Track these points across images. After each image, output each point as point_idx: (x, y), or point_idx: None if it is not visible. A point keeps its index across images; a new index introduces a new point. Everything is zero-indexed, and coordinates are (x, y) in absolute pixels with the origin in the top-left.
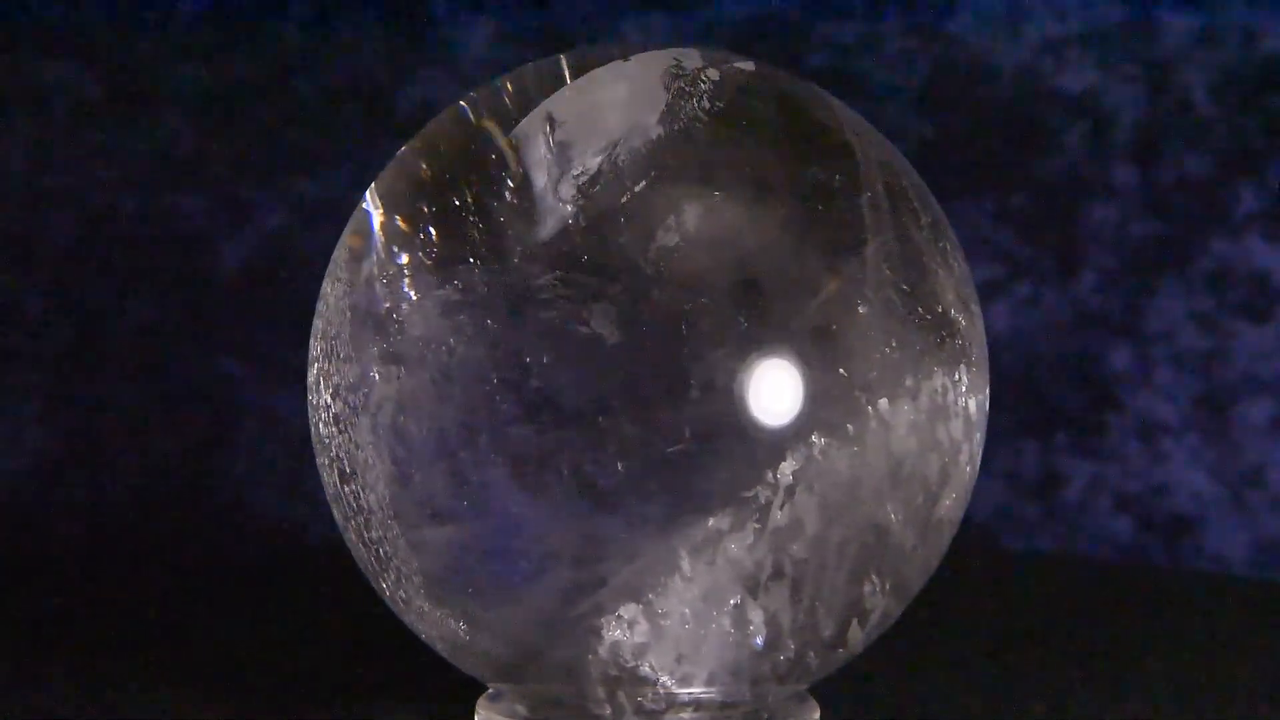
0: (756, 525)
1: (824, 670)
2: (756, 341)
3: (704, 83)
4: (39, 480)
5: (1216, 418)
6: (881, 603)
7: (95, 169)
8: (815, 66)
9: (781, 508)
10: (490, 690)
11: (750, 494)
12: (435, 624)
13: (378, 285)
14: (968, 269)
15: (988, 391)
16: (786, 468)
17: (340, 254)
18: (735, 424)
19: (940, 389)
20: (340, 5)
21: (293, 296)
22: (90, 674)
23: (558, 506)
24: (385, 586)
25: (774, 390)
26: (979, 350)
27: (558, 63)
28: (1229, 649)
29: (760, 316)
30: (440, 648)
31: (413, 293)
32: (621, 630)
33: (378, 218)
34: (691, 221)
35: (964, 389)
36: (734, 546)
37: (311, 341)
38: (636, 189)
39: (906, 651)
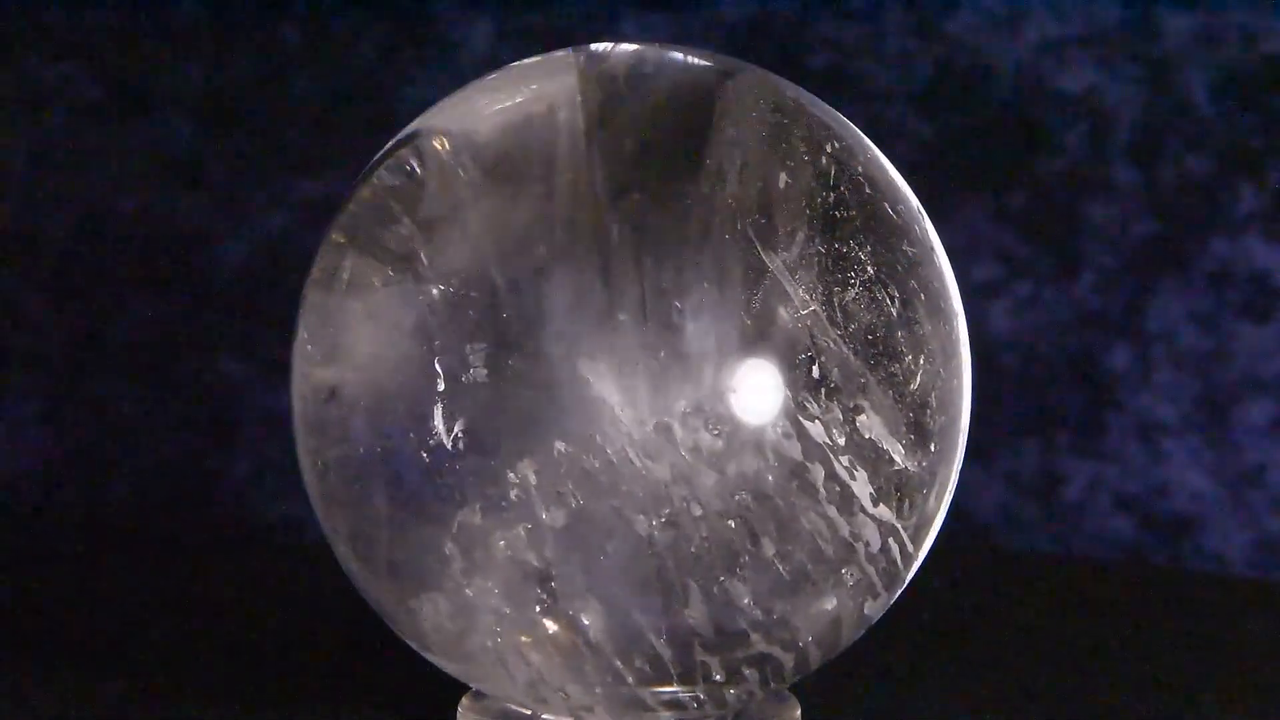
0: None
1: None
2: None
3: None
4: (39, 480)
5: (1216, 418)
6: None
7: (95, 169)
8: (815, 66)
9: None
10: (473, 690)
11: None
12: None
13: None
14: None
15: None
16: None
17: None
18: None
19: None
20: (340, 5)
21: (293, 296)
22: (90, 674)
23: None
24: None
25: None
26: None
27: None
28: (1229, 649)
29: None
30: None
31: None
32: None
33: None
34: None
35: None
36: None
37: None
38: None
39: (905, 651)
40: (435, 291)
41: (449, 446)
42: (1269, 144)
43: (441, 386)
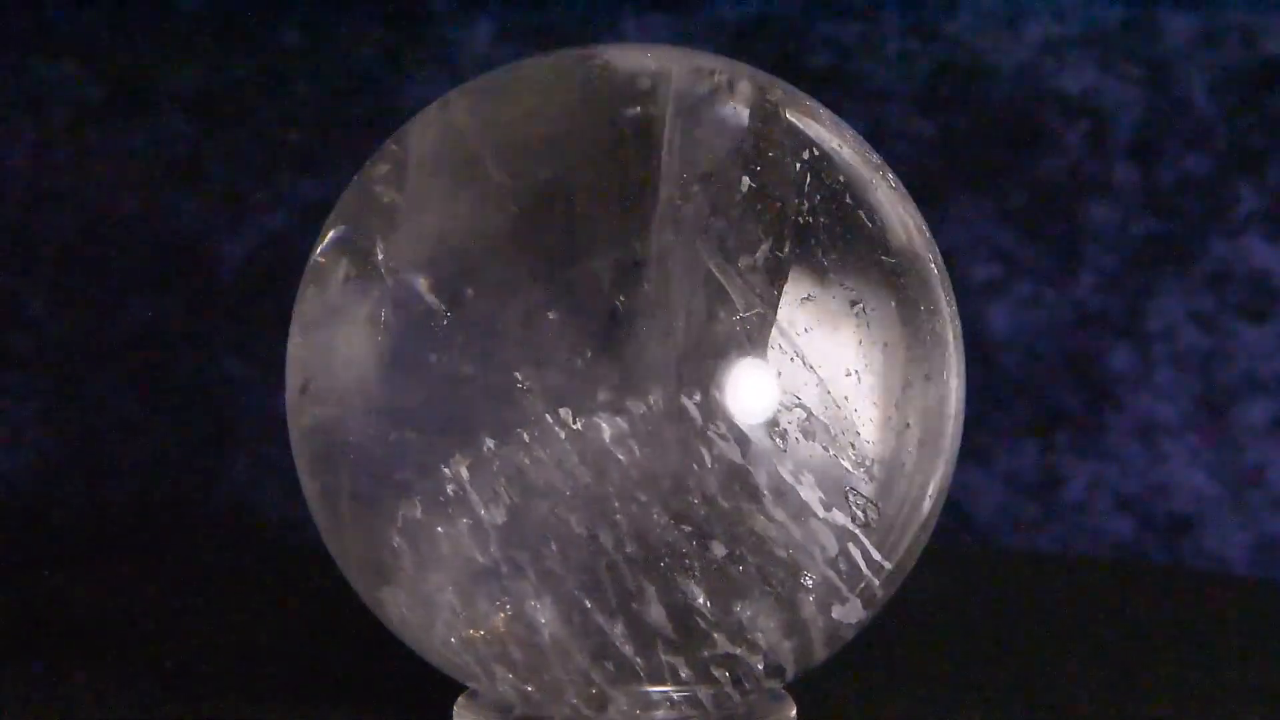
0: None
1: None
2: None
3: None
4: (39, 480)
5: (1216, 418)
6: None
7: (95, 169)
8: (815, 66)
9: None
10: (469, 690)
11: None
12: None
13: None
14: None
15: None
16: None
17: None
18: None
19: None
20: (340, 5)
21: (293, 296)
22: (89, 673)
23: None
24: None
25: None
26: None
27: None
28: (1229, 649)
29: None
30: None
31: None
32: None
33: None
34: None
35: None
36: None
37: None
38: None
39: (904, 651)
40: (384, 287)
41: (390, 439)
42: (1269, 144)
43: (384, 381)
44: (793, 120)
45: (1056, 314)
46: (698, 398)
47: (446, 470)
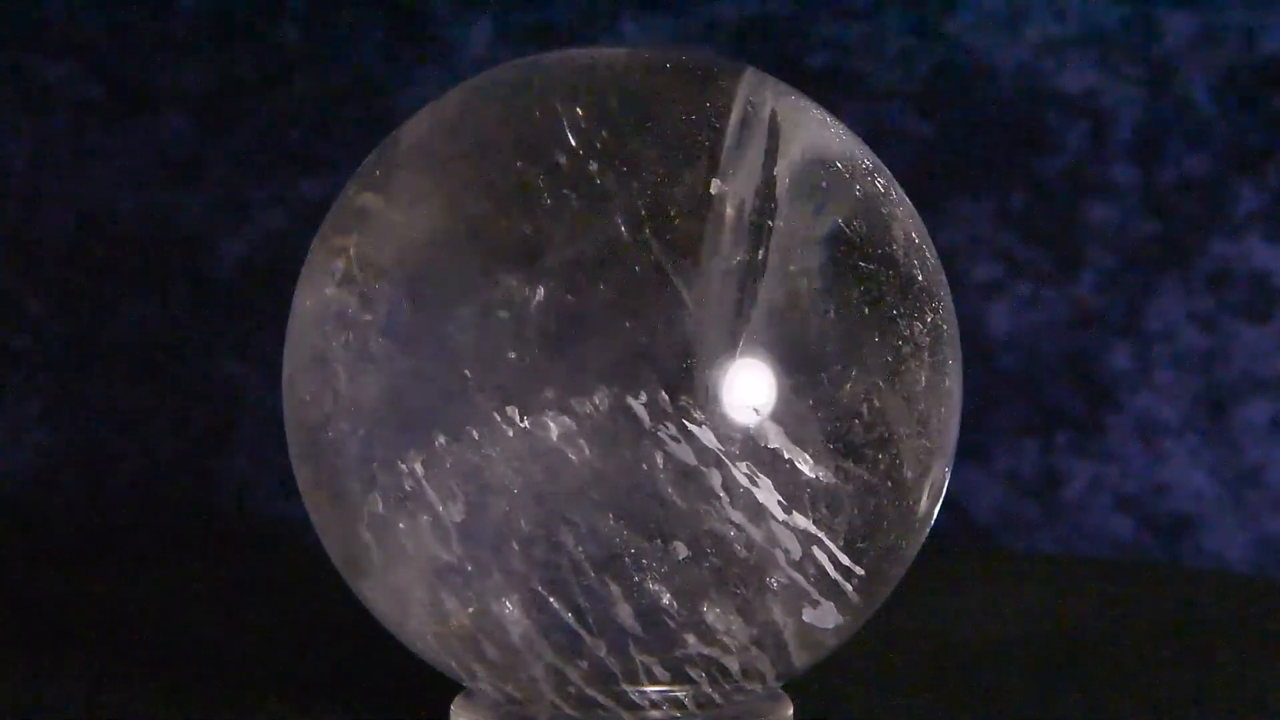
0: None
1: None
2: None
3: None
4: (39, 480)
5: (1216, 418)
6: None
7: (95, 169)
8: (815, 66)
9: None
10: (466, 690)
11: None
12: None
13: None
14: None
15: None
16: None
17: None
18: None
19: None
20: (340, 5)
21: (293, 296)
22: (89, 673)
23: None
24: None
25: None
26: None
27: None
28: (1229, 649)
29: None
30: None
31: None
32: None
33: None
34: None
35: None
36: None
37: None
38: None
39: (903, 651)
40: (352, 285)
41: (358, 434)
42: (1269, 144)
43: (350, 378)
44: (775, 122)
45: (1056, 314)
46: (644, 399)
47: (403, 466)
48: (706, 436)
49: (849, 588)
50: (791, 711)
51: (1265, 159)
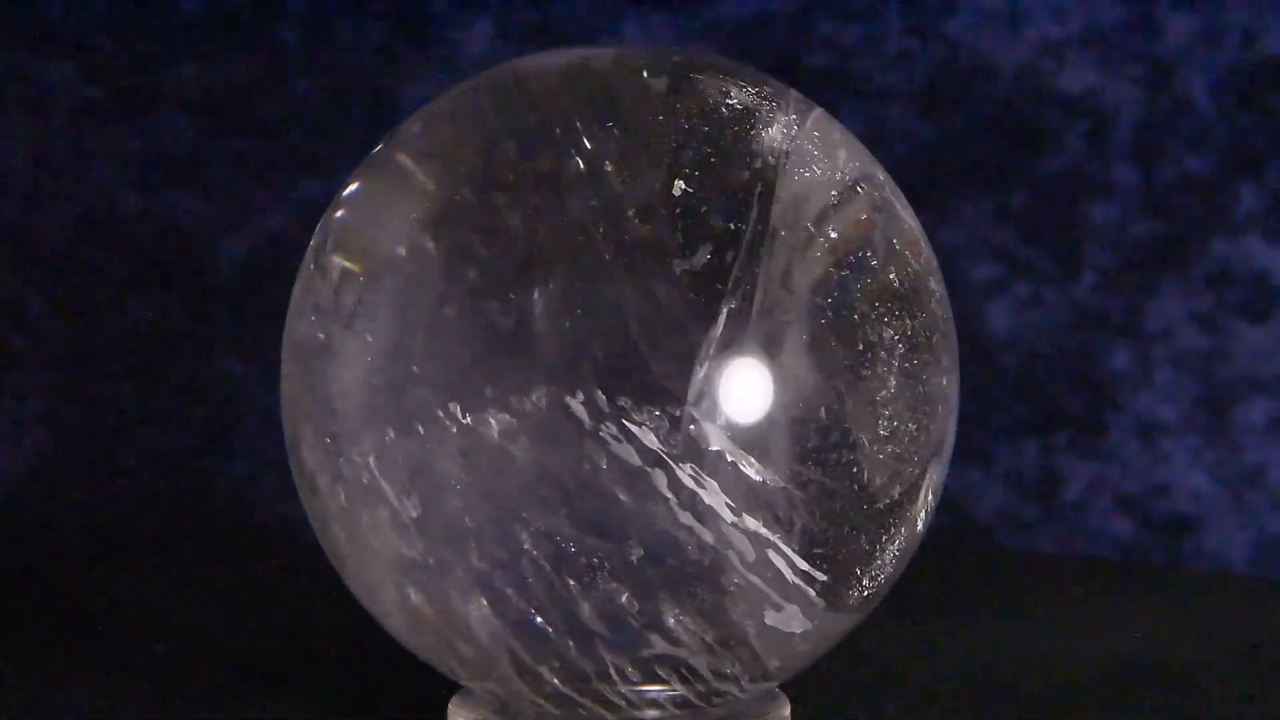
0: None
1: None
2: None
3: None
4: (39, 480)
5: (1216, 418)
6: None
7: (95, 169)
8: (815, 66)
9: None
10: (462, 690)
11: None
12: None
13: None
14: None
15: None
16: None
17: None
18: None
19: None
20: (340, 5)
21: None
22: (89, 672)
23: None
24: None
25: None
26: None
27: None
28: (1229, 649)
29: None
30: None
31: None
32: None
33: None
34: None
35: None
36: None
37: None
38: None
39: (902, 650)
40: (327, 280)
41: (328, 428)
42: (1269, 144)
43: (318, 371)
44: (744, 130)
45: (1056, 314)
46: (581, 397)
47: (358, 459)
48: (647, 437)
49: (811, 592)
50: (789, 711)
51: (1265, 159)
